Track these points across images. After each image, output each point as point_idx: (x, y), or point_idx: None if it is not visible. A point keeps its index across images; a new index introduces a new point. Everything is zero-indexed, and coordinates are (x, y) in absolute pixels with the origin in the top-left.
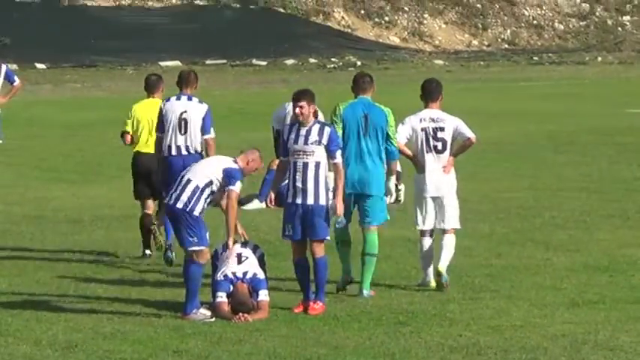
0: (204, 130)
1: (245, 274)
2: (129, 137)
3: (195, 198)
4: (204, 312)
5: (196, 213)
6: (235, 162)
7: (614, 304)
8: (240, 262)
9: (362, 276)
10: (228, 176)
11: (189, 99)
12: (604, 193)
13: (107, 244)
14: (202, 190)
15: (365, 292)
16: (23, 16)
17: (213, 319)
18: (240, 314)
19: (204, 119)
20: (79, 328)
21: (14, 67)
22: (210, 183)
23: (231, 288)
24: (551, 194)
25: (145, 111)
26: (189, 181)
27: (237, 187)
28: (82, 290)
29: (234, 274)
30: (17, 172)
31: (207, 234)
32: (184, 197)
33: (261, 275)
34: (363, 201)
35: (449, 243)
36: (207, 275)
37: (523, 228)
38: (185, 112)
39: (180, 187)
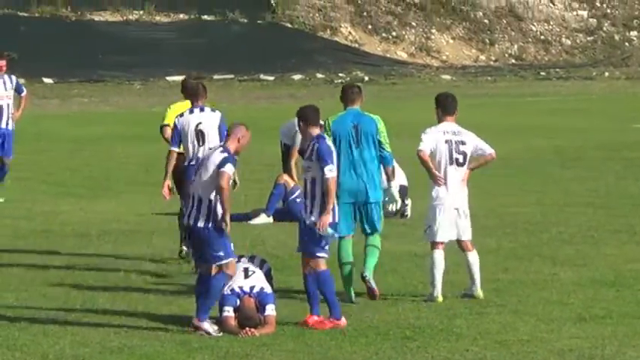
0: (222, 137)
1: (252, 288)
2: (168, 130)
3: (212, 210)
4: (213, 326)
5: (219, 224)
6: (224, 150)
7: (621, 319)
8: (247, 276)
9: (366, 262)
10: (220, 165)
11: (202, 110)
12: (611, 208)
13: (114, 258)
14: (216, 198)
15: (367, 273)
16: (30, 31)
17: (221, 333)
18: (247, 329)
19: (219, 127)
20: (86, 343)
21: (22, 81)
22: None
23: (238, 302)
24: (558, 209)
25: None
26: (200, 198)
27: (227, 169)
28: (90, 305)
29: (240, 288)
30: (25, 186)
31: (232, 245)
32: (203, 215)
33: (268, 290)
34: (361, 209)
35: (475, 261)
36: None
37: (530, 243)
38: (200, 123)
39: (194, 207)
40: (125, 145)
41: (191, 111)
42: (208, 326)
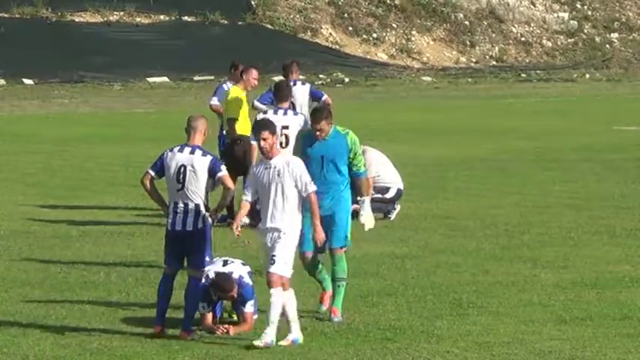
0: (317, 97)
1: (230, 273)
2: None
3: (201, 213)
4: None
5: (207, 227)
6: (204, 152)
7: (601, 321)
8: (225, 264)
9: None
10: (212, 170)
11: (294, 84)
12: (591, 210)
13: (95, 259)
14: (203, 203)
15: (335, 319)
16: (10, 32)
17: (198, 335)
18: (223, 327)
19: (311, 95)
20: (66, 344)
21: (2, 82)
22: (205, 191)
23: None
24: (539, 211)
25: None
26: (187, 204)
27: (224, 170)
28: (70, 306)
29: (216, 273)
30: (4, 187)
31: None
32: (192, 220)
33: (247, 279)
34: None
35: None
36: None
37: (510, 244)
38: (292, 96)
39: (182, 213)
40: (105, 145)
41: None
42: (196, 335)
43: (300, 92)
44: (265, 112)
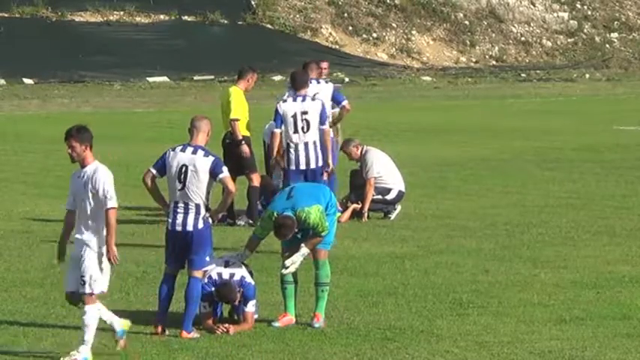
0: (337, 102)
1: (232, 275)
2: None
3: (201, 213)
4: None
5: (206, 227)
6: (206, 153)
7: (601, 321)
8: (227, 265)
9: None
10: (214, 171)
11: (318, 82)
12: (591, 209)
13: None
14: (203, 203)
15: (316, 324)
16: (10, 31)
17: (199, 335)
18: (223, 326)
19: (333, 96)
20: (66, 343)
21: (2, 82)
22: (207, 192)
23: (213, 289)
24: (539, 211)
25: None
26: (187, 204)
27: (226, 172)
28: (70, 306)
29: (219, 275)
30: (4, 187)
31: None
32: (192, 220)
33: (249, 279)
34: None
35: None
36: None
37: (510, 244)
38: (317, 93)
39: (182, 212)
40: (105, 145)
41: (310, 81)
42: (196, 333)
43: (325, 90)
44: (285, 100)
